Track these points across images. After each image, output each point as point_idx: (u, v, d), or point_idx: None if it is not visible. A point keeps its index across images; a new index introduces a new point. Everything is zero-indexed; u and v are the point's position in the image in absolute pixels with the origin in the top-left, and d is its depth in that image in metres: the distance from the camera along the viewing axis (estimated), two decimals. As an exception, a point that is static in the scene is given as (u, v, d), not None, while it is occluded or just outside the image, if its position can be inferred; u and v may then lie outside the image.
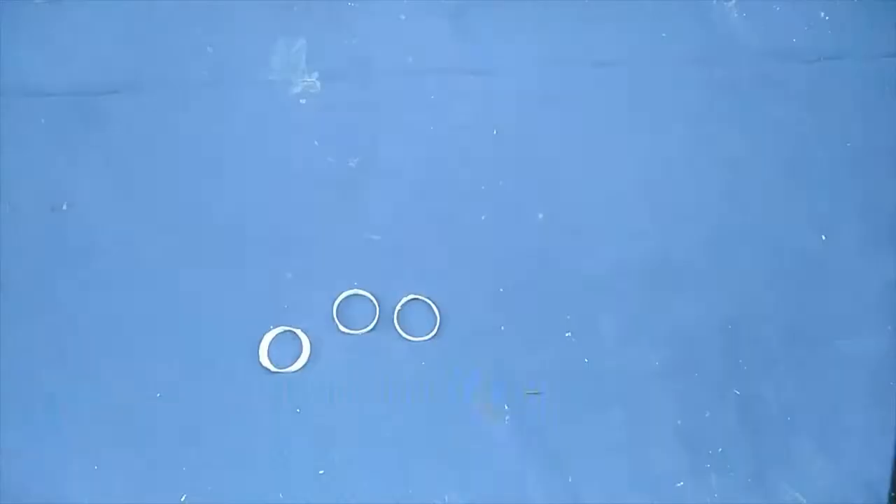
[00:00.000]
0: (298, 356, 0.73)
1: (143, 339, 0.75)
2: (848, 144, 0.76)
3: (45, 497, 0.73)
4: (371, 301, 0.74)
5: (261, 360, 0.73)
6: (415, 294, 0.74)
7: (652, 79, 0.77)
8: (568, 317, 0.75)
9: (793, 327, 0.75)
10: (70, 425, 0.74)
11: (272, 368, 0.73)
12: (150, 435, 0.72)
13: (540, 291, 0.75)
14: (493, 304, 0.75)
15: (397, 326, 0.74)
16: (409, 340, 0.74)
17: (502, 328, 0.75)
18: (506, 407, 0.74)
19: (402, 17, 0.77)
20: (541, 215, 0.76)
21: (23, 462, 0.73)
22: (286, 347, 0.74)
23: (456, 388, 0.74)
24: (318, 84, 0.77)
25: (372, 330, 0.73)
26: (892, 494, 0.74)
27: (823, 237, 0.75)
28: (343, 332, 0.73)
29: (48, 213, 0.76)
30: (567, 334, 0.75)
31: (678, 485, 0.74)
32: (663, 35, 0.77)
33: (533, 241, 0.76)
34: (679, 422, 0.74)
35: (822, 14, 0.77)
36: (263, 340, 0.73)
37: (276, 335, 0.74)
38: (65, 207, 0.76)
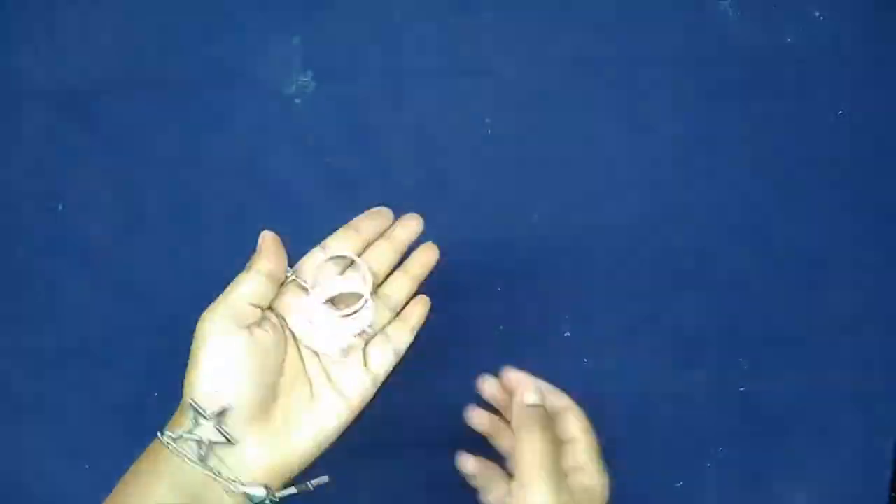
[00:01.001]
0: None
1: (141, 339, 0.75)
2: (845, 143, 0.76)
3: (44, 497, 0.72)
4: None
5: None
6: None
7: (647, 78, 0.77)
8: (567, 317, 0.75)
9: (793, 327, 0.75)
10: (69, 425, 0.74)
11: None
12: (148, 435, 0.71)
13: (539, 291, 0.75)
14: (490, 303, 0.75)
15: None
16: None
17: (501, 327, 0.74)
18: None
19: (397, 16, 0.77)
20: (537, 215, 0.76)
21: (20, 462, 0.73)
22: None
23: (453, 387, 0.74)
24: (312, 84, 0.77)
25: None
26: (892, 494, 0.74)
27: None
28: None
29: (45, 213, 0.76)
30: (566, 334, 0.75)
31: (678, 485, 0.74)
32: (658, 34, 0.77)
33: (530, 241, 0.75)
34: (679, 422, 0.74)
35: (817, 14, 0.77)
36: None
37: None
38: (61, 208, 0.76)
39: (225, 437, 0.51)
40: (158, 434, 0.53)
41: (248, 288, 0.55)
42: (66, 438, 0.73)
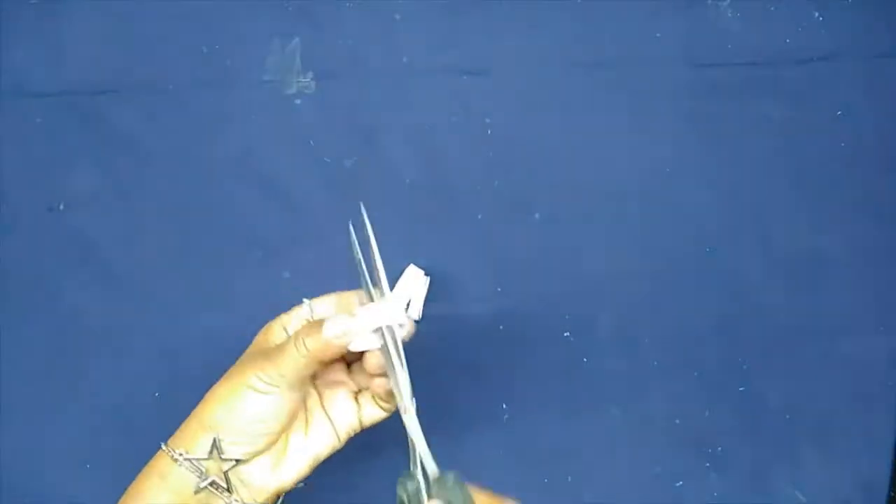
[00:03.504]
0: None
1: (141, 339, 0.75)
2: (842, 144, 0.76)
3: (44, 497, 0.72)
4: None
5: None
6: (411, 294, 0.74)
7: (647, 79, 0.77)
8: (567, 317, 0.75)
9: (793, 327, 0.75)
10: (69, 425, 0.74)
11: None
12: (148, 435, 0.71)
13: (538, 291, 0.75)
14: (490, 303, 0.75)
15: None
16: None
17: (501, 328, 0.74)
18: (504, 406, 0.74)
19: (397, 16, 0.77)
20: (537, 215, 0.76)
21: (21, 461, 0.73)
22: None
23: (454, 388, 0.74)
24: (312, 84, 0.77)
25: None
26: (892, 494, 0.74)
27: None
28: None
29: (45, 213, 0.76)
30: (566, 334, 0.75)
31: (678, 485, 0.74)
32: (657, 35, 0.77)
33: (530, 241, 0.75)
34: (679, 422, 0.74)
35: (817, 14, 0.77)
36: None
37: None
38: (61, 207, 0.76)
39: (227, 483, 0.57)
40: (167, 448, 0.58)
41: (298, 372, 0.57)
42: (66, 438, 0.73)
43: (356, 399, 0.62)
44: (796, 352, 0.75)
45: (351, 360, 0.63)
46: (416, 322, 0.69)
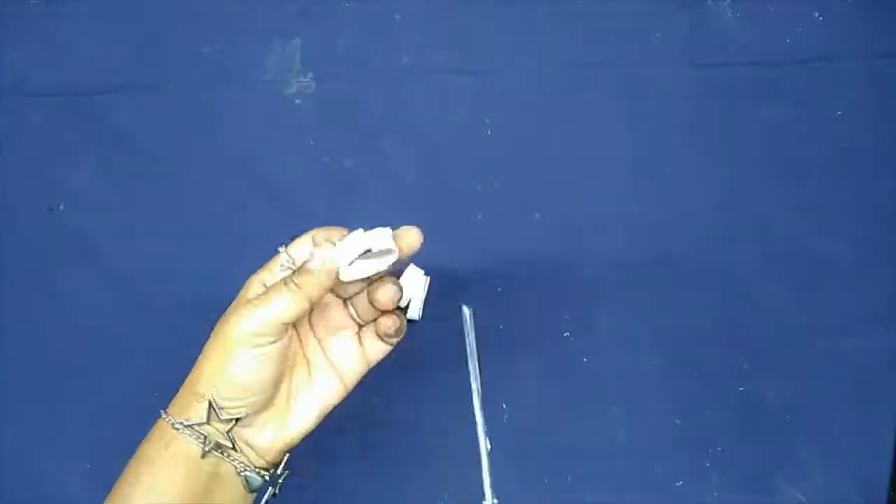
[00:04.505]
0: None
1: (141, 339, 0.75)
2: (842, 144, 0.76)
3: (44, 497, 0.72)
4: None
5: None
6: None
7: (647, 79, 0.77)
8: (567, 317, 0.75)
9: (793, 327, 0.75)
10: (69, 425, 0.74)
11: None
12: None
13: (538, 291, 0.75)
14: (490, 303, 0.74)
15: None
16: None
17: (500, 328, 0.74)
18: (504, 406, 0.74)
19: (397, 16, 0.77)
20: (537, 215, 0.76)
21: (21, 461, 0.73)
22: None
23: (453, 388, 0.74)
24: (312, 84, 0.77)
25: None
26: (892, 494, 0.74)
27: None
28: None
29: (45, 213, 0.76)
30: (566, 334, 0.75)
31: (678, 484, 0.73)
32: (657, 35, 0.77)
33: (530, 241, 0.75)
34: (679, 421, 0.74)
35: (817, 14, 0.77)
36: None
37: None
38: (62, 208, 0.76)
39: (232, 443, 0.55)
40: (166, 417, 0.56)
41: (290, 311, 0.54)
42: (66, 438, 0.73)
43: (359, 339, 0.59)
44: (796, 352, 0.74)
45: (347, 298, 0.60)
46: (417, 321, 0.69)
